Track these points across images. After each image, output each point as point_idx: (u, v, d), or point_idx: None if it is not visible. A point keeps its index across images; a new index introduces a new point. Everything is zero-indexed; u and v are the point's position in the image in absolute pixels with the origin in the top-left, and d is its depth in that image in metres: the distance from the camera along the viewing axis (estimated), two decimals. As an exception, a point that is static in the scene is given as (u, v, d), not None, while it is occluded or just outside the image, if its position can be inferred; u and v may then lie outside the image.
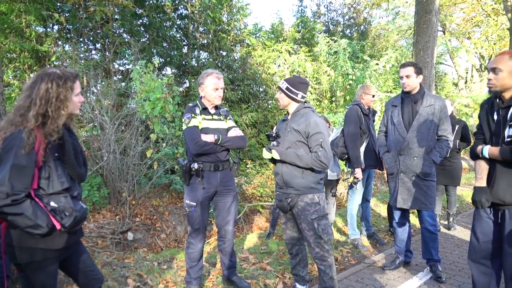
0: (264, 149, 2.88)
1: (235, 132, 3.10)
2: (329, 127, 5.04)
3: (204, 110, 3.04)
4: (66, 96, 1.85)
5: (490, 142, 2.39)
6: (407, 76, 3.39)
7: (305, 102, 2.86)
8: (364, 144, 4.31)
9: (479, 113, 2.54)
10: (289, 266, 3.32)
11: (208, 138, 2.92)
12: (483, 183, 2.38)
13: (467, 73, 19.17)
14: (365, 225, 4.78)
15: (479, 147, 2.39)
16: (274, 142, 2.85)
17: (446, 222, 5.48)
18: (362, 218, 4.81)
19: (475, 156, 2.47)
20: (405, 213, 3.63)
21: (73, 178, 1.91)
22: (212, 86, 2.98)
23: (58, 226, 1.77)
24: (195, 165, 2.91)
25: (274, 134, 2.86)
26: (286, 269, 3.69)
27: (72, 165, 1.88)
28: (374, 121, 4.53)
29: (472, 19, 16.26)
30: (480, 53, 17.44)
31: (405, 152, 3.40)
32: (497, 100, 2.34)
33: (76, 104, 1.93)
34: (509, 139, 2.23)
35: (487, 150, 2.34)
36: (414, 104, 3.42)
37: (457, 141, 4.89)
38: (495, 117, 2.34)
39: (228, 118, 3.18)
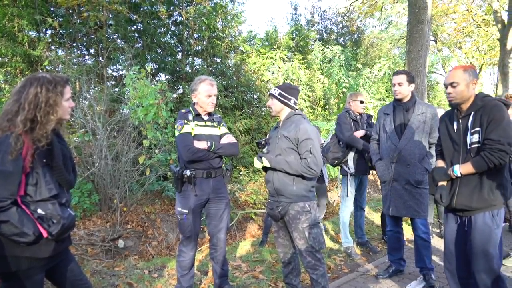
0: (255, 158, 2.86)
1: (228, 139, 3.08)
2: None
3: (197, 116, 3.02)
4: (56, 101, 1.81)
5: (453, 150, 2.49)
6: (399, 84, 3.42)
7: (296, 109, 2.86)
8: (354, 150, 4.33)
9: (438, 127, 2.69)
10: (282, 274, 3.29)
11: (201, 145, 2.90)
12: (442, 183, 2.52)
13: (458, 82, 19.39)
14: (359, 233, 4.76)
15: (450, 169, 2.47)
16: (264, 150, 2.84)
17: (438, 231, 5.48)
18: (355, 226, 4.79)
19: (444, 176, 2.51)
20: (397, 221, 3.63)
21: (61, 185, 1.87)
22: (205, 93, 2.97)
23: (45, 234, 1.72)
24: (188, 172, 2.87)
25: (263, 142, 2.85)
26: (279, 277, 3.65)
27: (60, 171, 1.84)
28: (370, 124, 4.50)
29: (463, 29, 16.53)
30: (471, 63, 17.69)
31: (397, 160, 3.41)
32: (455, 111, 2.50)
33: (66, 109, 1.89)
34: (473, 146, 2.35)
35: (458, 168, 2.41)
36: (405, 112, 3.45)
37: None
38: (455, 126, 2.48)
39: (222, 124, 3.16)
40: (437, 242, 5.00)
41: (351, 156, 4.33)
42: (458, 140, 2.45)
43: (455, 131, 2.48)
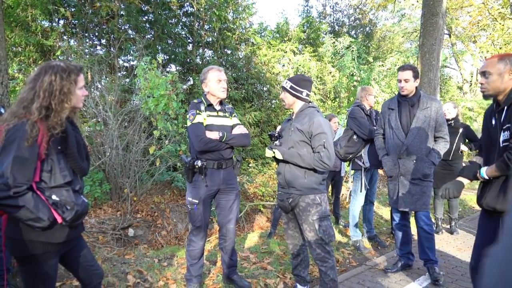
0: (267, 148, 2.86)
1: (240, 129, 3.08)
2: (336, 128, 5.08)
3: (209, 106, 3.02)
4: (70, 89, 1.83)
5: (487, 148, 2.35)
6: (406, 80, 3.37)
7: (309, 102, 2.84)
8: (369, 145, 4.29)
9: (482, 121, 2.51)
10: (290, 266, 3.30)
11: (213, 135, 2.90)
12: (460, 178, 2.44)
13: (472, 76, 19.05)
14: (367, 227, 4.74)
15: (478, 172, 2.32)
16: (277, 142, 2.83)
17: (448, 226, 5.43)
18: (364, 219, 4.78)
19: (471, 176, 2.41)
20: (405, 215, 3.61)
21: (75, 172, 1.89)
22: (215, 78, 2.96)
23: (59, 220, 1.75)
24: (199, 163, 2.88)
25: (276, 134, 2.85)
26: (287, 269, 3.66)
27: (74, 158, 1.86)
28: (377, 120, 4.47)
29: (478, 23, 16.15)
30: (485, 57, 17.32)
31: (404, 156, 3.40)
32: (494, 104, 2.31)
33: (79, 98, 1.91)
34: (504, 144, 2.16)
35: (484, 171, 2.28)
36: (411, 107, 3.42)
37: (461, 143, 4.87)
38: (493, 122, 2.30)
39: (233, 115, 3.16)
40: (447, 238, 4.96)
41: (365, 151, 4.30)
42: (494, 136, 2.26)
43: (493, 126, 2.28)
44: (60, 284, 3.07)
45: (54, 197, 1.76)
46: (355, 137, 4.28)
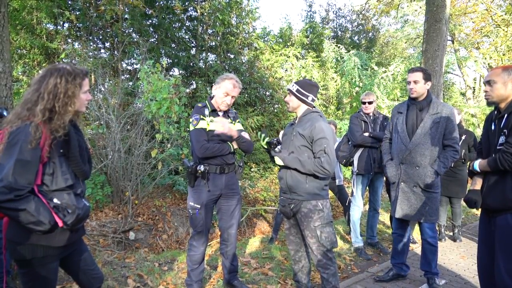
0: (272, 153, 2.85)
1: (246, 135, 3.08)
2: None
3: (213, 112, 3.02)
4: (74, 92, 1.83)
5: (487, 152, 2.46)
6: (415, 82, 3.26)
7: (314, 107, 2.83)
8: (360, 150, 4.30)
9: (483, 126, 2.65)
10: (291, 272, 3.28)
11: (217, 126, 2.91)
12: (476, 187, 2.50)
13: (475, 83, 19.01)
14: (369, 234, 4.71)
15: (471, 164, 2.48)
16: (276, 149, 2.80)
17: (451, 233, 5.39)
18: (367, 226, 4.75)
19: (471, 173, 2.55)
20: (403, 224, 3.51)
21: (77, 175, 1.88)
22: (224, 90, 2.95)
23: (60, 223, 1.74)
24: (201, 167, 2.87)
25: (275, 141, 2.81)
26: (288, 275, 3.64)
27: (76, 161, 1.85)
28: (385, 126, 4.43)
29: (481, 29, 16.15)
30: (488, 64, 17.29)
31: (407, 161, 3.28)
32: (495, 111, 2.44)
33: (83, 102, 1.91)
34: (499, 147, 2.30)
35: (477, 164, 2.45)
36: (419, 111, 3.30)
37: (463, 151, 4.84)
38: (493, 127, 2.43)
39: (237, 120, 3.15)
40: (450, 245, 4.92)
41: (356, 156, 4.33)
42: (493, 141, 2.39)
43: (493, 131, 2.41)
44: (60, 287, 3.06)
45: (55, 200, 1.75)
46: (350, 142, 4.41)
